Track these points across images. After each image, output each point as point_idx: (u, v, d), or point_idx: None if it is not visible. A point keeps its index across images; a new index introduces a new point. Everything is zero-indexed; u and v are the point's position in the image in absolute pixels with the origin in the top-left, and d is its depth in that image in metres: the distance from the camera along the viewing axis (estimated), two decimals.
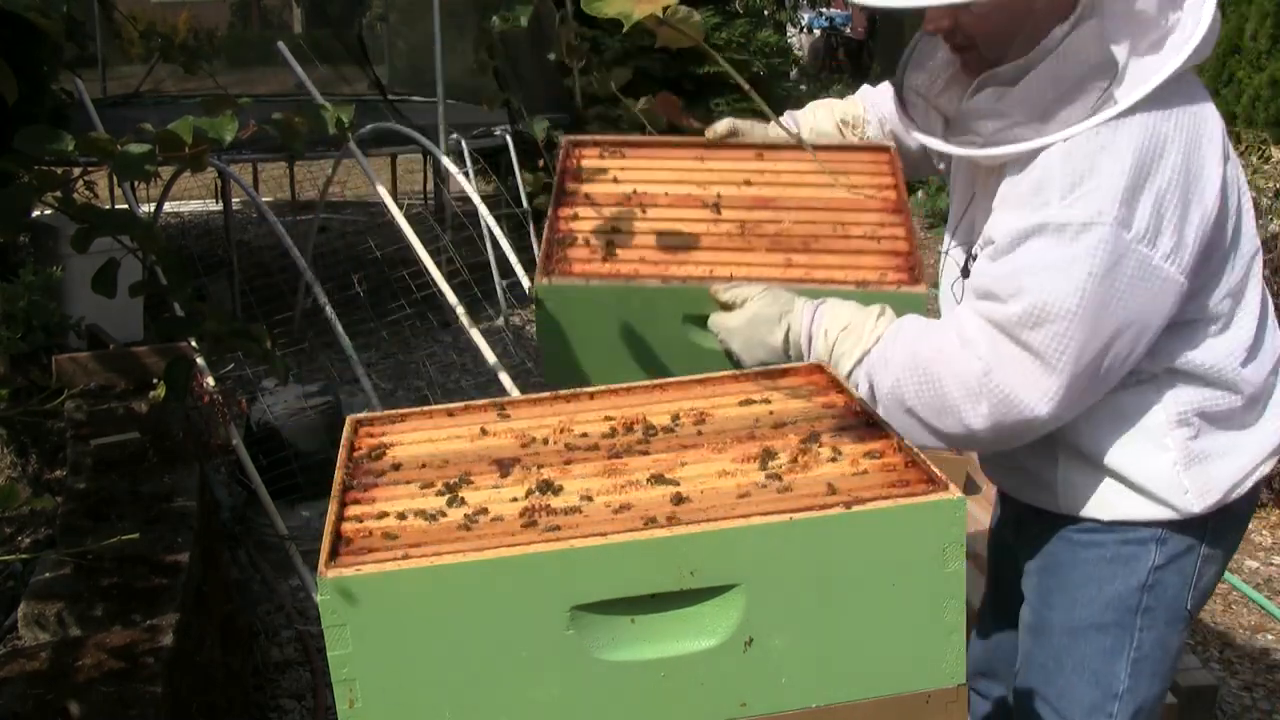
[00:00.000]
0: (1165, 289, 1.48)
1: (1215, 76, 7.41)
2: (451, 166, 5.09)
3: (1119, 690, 1.71)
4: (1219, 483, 1.64)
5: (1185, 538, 1.67)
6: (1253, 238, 1.63)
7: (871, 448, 1.34)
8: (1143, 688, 1.72)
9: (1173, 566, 1.68)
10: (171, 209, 7.99)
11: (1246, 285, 1.62)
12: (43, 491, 2.91)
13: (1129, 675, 1.71)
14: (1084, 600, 1.71)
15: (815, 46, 14.69)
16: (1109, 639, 1.70)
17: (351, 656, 1.14)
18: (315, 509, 4.06)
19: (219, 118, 1.69)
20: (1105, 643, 1.71)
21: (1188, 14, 1.49)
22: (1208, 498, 1.64)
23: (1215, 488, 1.64)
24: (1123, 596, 1.69)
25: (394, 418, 1.54)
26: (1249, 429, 1.66)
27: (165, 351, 3.09)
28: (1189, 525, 1.66)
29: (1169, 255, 1.47)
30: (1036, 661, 1.78)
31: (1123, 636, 1.70)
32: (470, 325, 3.96)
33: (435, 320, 5.91)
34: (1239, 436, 1.65)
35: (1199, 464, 1.63)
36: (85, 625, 2.16)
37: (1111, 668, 1.71)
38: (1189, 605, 1.72)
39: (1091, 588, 1.70)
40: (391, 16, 9.29)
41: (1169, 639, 1.72)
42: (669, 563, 1.16)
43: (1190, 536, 1.68)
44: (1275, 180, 4.83)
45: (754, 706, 1.22)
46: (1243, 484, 1.66)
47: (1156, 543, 1.67)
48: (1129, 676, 1.71)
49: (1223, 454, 1.64)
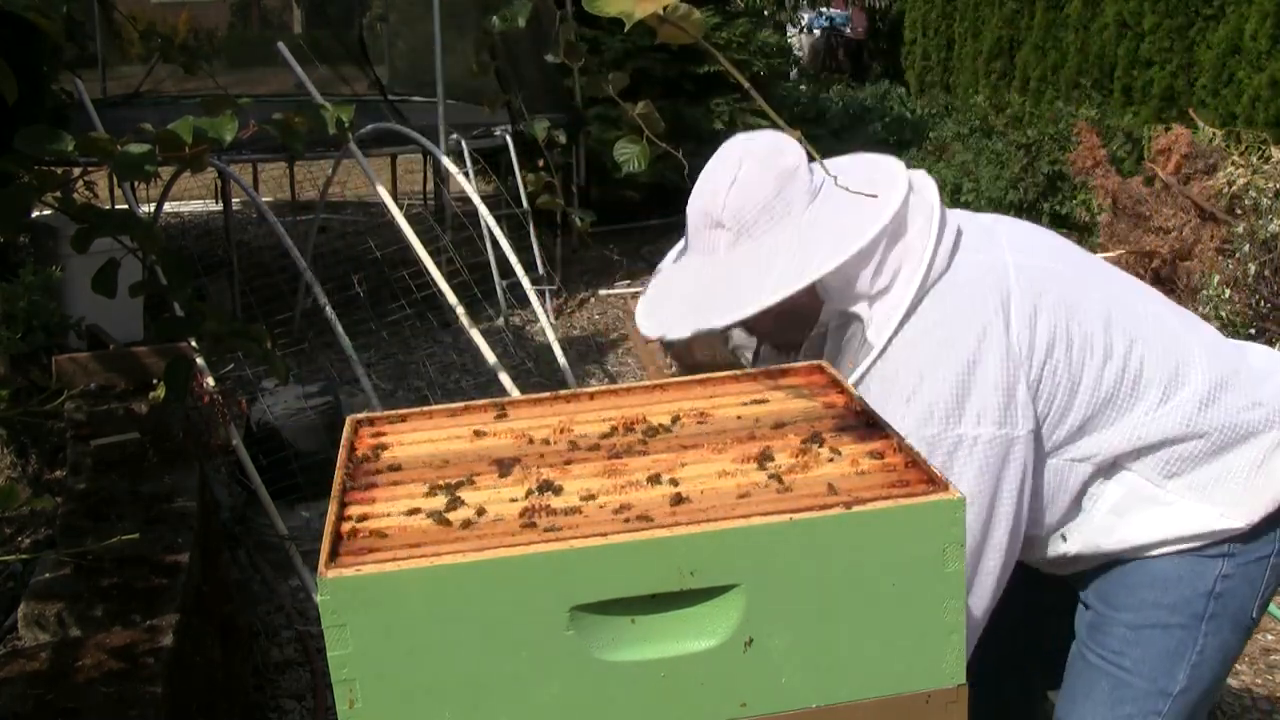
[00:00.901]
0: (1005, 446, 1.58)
1: (1215, 76, 7.41)
2: (451, 166, 5.09)
3: (1174, 690, 1.70)
4: (1253, 494, 1.66)
5: (1253, 548, 1.68)
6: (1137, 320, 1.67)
7: (872, 448, 1.34)
8: (1196, 689, 1.71)
9: (1240, 575, 1.69)
10: (171, 209, 8.00)
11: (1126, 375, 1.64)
12: (43, 491, 2.91)
13: (1186, 677, 1.70)
14: (1150, 601, 1.70)
15: (815, 46, 14.68)
16: (1173, 641, 1.70)
17: (351, 656, 1.14)
18: (315, 509, 4.05)
19: (219, 118, 1.69)
20: (1169, 644, 1.70)
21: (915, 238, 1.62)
22: (1252, 509, 1.66)
23: (1249, 500, 1.66)
24: (1189, 601, 1.69)
25: (394, 418, 1.54)
26: (1256, 434, 1.67)
27: (165, 351, 3.09)
28: (1254, 535, 1.67)
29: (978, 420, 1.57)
30: (1094, 657, 1.77)
31: (1187, 640, 1.69)
32: (470, 325, 3.97)
33: (435, 320, 5.91)
34: (1243, 446, 1.66)
35: (1214, 487, 1.65)
36: (85, 625, 2.16)
37: (1171, 670, 1.70)
38: (1254, 613, 1.72)
39: (1157, 590, 1.70)
40: (391, 16, 9.29)
41: (1231, 646, 1.73)
42: (669, 563, 1.16)
43: (1260, 546, 1.69)
44: (1275, 180, 4.83)
45: (754, 706, 1.22)
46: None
47: (1224, 557, 1.68)
48: (1186, 678, 1.70)
49: (1234, 469, 1.66)
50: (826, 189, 1.65)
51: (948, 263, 1.63)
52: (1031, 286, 1.63)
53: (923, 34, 11.36)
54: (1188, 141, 5.32)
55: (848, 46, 14.45)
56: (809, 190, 1.64)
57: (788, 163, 1.64)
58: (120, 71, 8.22)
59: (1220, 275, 4.42)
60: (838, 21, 14.61)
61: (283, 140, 1.82)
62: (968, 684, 1.25)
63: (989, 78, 9.96)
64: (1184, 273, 4.98)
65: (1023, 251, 1.69)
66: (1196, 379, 1.65)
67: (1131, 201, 5.35)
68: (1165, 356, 1.65)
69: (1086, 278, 1.72)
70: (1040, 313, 1.61)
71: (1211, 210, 5.00)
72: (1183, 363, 1.66)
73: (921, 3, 11.40)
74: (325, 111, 1.84)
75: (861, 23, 14.30)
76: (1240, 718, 3.03)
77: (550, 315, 6.04)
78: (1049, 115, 7.88)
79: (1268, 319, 4.22)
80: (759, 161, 1.64)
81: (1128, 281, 1.80)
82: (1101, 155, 5.83)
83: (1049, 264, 1.70)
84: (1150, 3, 7.99)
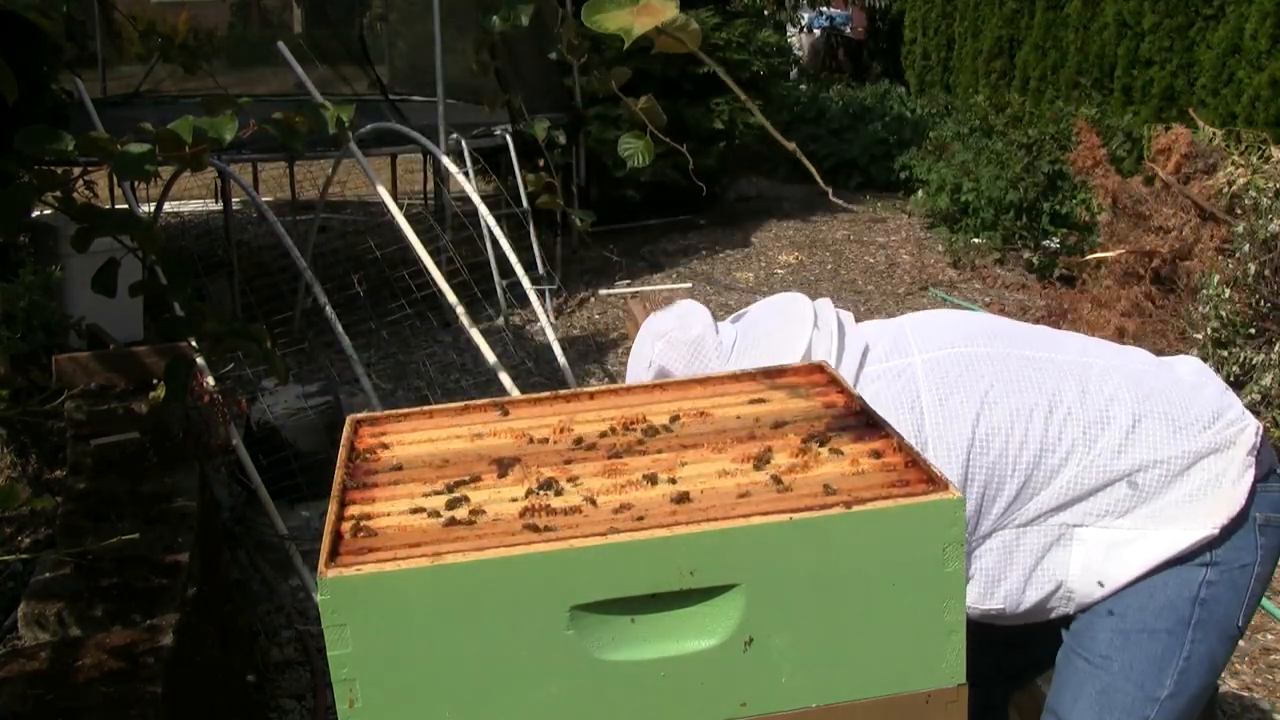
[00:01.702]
0: None
1: (1215, 76, 7.41)
2: (451, 166, 5.10)
3: (1161, 696, 1.72)
4: (1212, 505, 1.69)
5: (1236, 555, 1.70)
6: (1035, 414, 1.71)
7: (872, 447, 1.34)
8: (1183, 695, 1.73)
9: (1225, 582, 1.70)
10: (171, 209, 8.00)
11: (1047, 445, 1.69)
12: (43, 491, 2.90)
13: (1174, 683, 1.72)
14: (1136, 605, 1.72)
15: (815, 46, 14.67)
16: (1159, 647, 1.72)
17: (351, 656, 1.14)
18: (315, 509, 4.05)
19: (219, 117, 1.68)
20: (1155, 650, 1.72)
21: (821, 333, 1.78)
22: (1214, 517, 1.68)
23: (1210, 510, 1.68)
24: (1175, 606, 1.70)
25: (394, 417, 1.54)
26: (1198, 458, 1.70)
27: (165, 351, 3.09)
28: (1235, 544, 1.70)
29: None
30: (1080, 658, 1.78)
31: (1173, 646, 1.71)
32: (470, 325, 3.97)
33: (435, 320, 5.91)
34: (1189, 472, 1.70)
35: (1172, 510, 1.68)
36: (85, 625, 2.16)
37: (1159, 675, 1.72)
38: (1240, 622, 1.74)
39: (1143, 595, 1.72)
40: (391, 16, 9.29)
41: (1218, 653, 1.74)
42: (669, 562, 1.16)
43: (1243, 555, 1.71)
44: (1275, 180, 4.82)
45: (754, 706, 1.22)
46: (1243, 478, 1.69)
47: (1207, 566, 1.70)
48: (1173, 684, 1.72)
49: (1187, 492, 1.69)
50: (739, 343, 1.83)
51: (854, 379, 1.77)
52: (943, 381, 1.74)
53: (923, 34, 11.36)
54: (1188, 141, 5.31)
55: (848, 46, 14.45)
56: (720, 349, 1.83)
57: (694, 333, 1.83)
58: (120, 71, 8.22)
59: (1220, 275, 4.42)
60: (838, 21, 14.61)
61: (283, 140, 1.82)
62: (967, 684, 1.25)
63: (989, 77, 9.97)
64: (1184, 273, 4.98)
65: (930, 344, 1.80)
66: (1121, 420, 1.71)
67: (1131, 201, 5.34)
68: (1087, 406, 1.72)
69: (998, 350, 1.79)
70: (953, 401, 1.71)
71: (1211, 210, 5.00)
72: (1107, 410, 1.72)
73: (921, 2, 11.41)
74: (325, 111, 1.84)
75: (861, 22, 14.30)
76: (1240, 717, 3.03)
77: (550, 315, 6.04)
78: (1049, 115, 7.90)
79: (1268, 319, 4.22)
80: (667, 340, 1.84)
81: (1042, 336, 1.87)
82: (1101, 155, 5.82)
83: (960, 349, 1.79)
84: (1150, 2, 7.99)
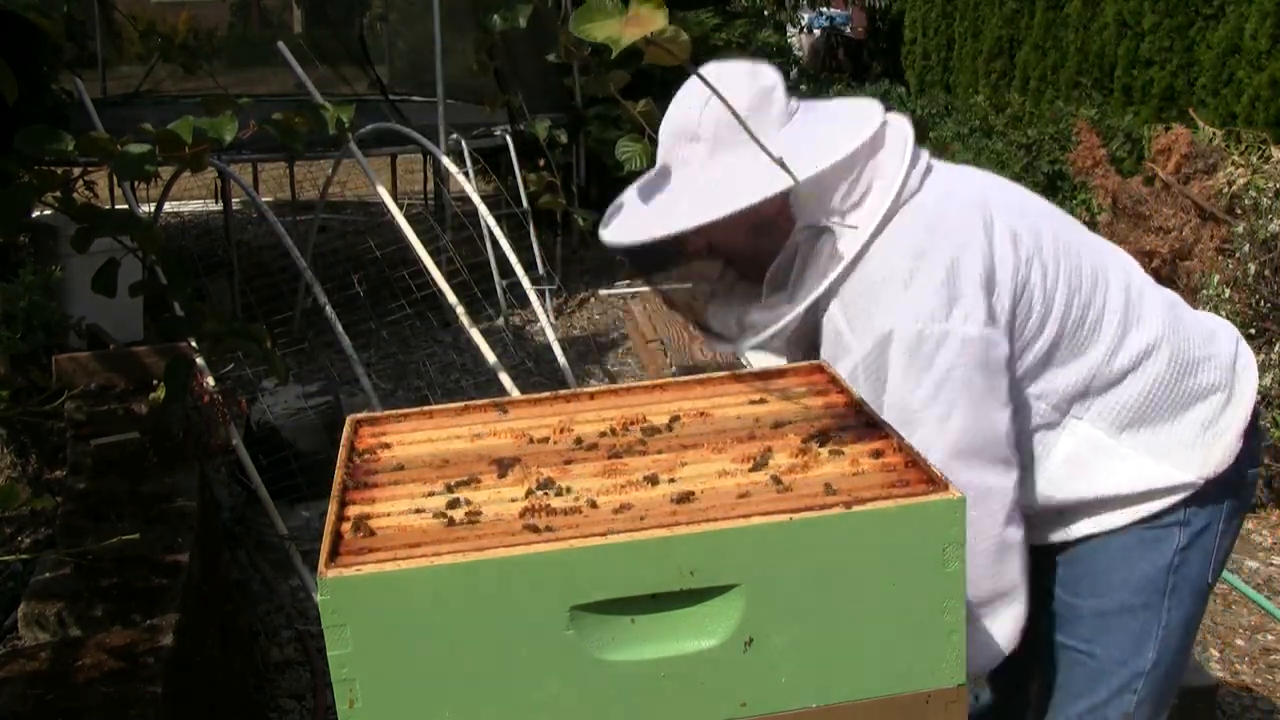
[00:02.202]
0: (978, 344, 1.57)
1: (1215, 76, 7.41)
2: (451, 166, 5.09)
3: (1145, 669, 1.75)
4: (1204, 449, 1.70)
5: (1205, 513, 1.71)
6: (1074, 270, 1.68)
7: (872, 447, 1.34)
8: (1165, 661, 1.76)
9: (1195, 545, 1.72)
10: (171, 209, 8.00)
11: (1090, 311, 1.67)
12: (43, 491, 2.90)
13: (1155, 652, 1.74)
14: (1114, 584, 1.74)
15: (815, 46, 14.66)
16: (1138, 623, 1.74)
17: (351, 656, 1.14)
18: (315, 509, 4.05)
19: (219, 117, 1.69)
20: (1135, 627, 1.74)
21: (888, 158, 1.64)
22: (1204, 463, 1.69)
23: (1200, 455, 1.69)
24: (1150, 578, 1.72)
25: (394, 417, 1.54)
26: (1206, 392, 1.70)
27: (165, 351, 3.09)
28: (1207, 499, 1.71)
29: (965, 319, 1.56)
30: (1065, 647, 1.80)
31: (1151, 619, 1.73)
32: (470, 325, 3.97)
33: (435, 320, 5.91)
34: (1195, 404, 1.70)
35: (1166, 441, 1.68)
36: (85, 625, 2.16)
37: (1141, 649, 1.74)
38: (1210, 578, 1.77)
39: (1120, 572, 1.73)
40: (391, 16, 9.29)
41: (1192, 613, 1.77)
42: (669, 563, 1.16)
43: (1208, 512, 1.72)
44: (1275, 180, 4.82)
45: (754, 706, 1.22)
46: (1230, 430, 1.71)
47: (1180, 526, 1.71)
48: (1155, 653, 1.74)
49: (1186, 424, 1.69)
50: (802, 114, 1.69)
51: (919, 184, 1.66)
52: (1009, 213, 1.67)
53: (923, 34, 11.36)
54: (1188, 141, 5.31)
55: (848, 46, 14.44)
56: (785, 111, 1.67)
57: (765, 83, 1.67)
58: (120, 71, 8.22)
59: (1220, 275, 4.42)
60: (838, 21, 14.61)
61: (283, 140, 1.82)
62: (967, 683, 1.25)
63: (989, 77, 9.96)
64: (1184, 272, 4.98)
65: (997, 189, 1.76)
66: (1152, 325, 1.70)
67: (1131, 201, 5.34)
68: (1125, 301, 1.70)
69: (1056, 220, 1.77)
70: (1020, 235, 1.65)
71: (1211, 210, 4.99)
72: (1141, 310, 1.71)
73: (921, 3, 11.40)
74: (325, 111, 1.84)
75: (861, 22, 14.29)
76: (1240, 717, 3.03)
77: (550, 315, 6.04)
78: (1049, 115, 7.88)
79: (1268, 319, 4.22)
80: (736, 78, 1.65)
81: (1093, 236, 1.85)
82: (1101, 155, 5.82)
83: (1024, 202, 1.76)
84: (1150, 2, 7.99)
